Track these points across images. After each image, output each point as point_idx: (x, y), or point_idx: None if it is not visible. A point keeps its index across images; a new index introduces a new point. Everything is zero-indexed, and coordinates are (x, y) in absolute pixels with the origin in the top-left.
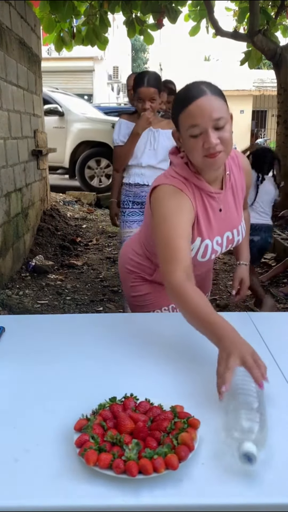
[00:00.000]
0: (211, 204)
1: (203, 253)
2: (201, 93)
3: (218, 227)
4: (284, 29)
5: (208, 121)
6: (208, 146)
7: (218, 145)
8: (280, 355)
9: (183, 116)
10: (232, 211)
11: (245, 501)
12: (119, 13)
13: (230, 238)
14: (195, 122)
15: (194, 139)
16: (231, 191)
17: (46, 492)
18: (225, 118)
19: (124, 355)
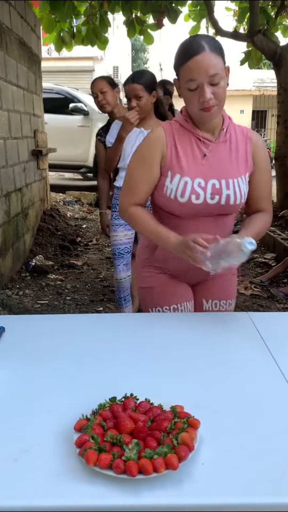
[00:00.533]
0: (199, 146)
1: (182, 191)
2: (200, 49)
3: (203, 171)
4: (284, 29)
5: (204, 77)
6: (202, 100)
7: (212, 99)
8: (280, 355)
9: (183, 70)
10: (223, 162)
11: (245, 501)
12: (119, 13)
13: (217, 187)
14: (193, 77)
15: (191, 92)
16: (227, 147)
17: (46, 492)
18: (220, 74)
19: (124, 355)
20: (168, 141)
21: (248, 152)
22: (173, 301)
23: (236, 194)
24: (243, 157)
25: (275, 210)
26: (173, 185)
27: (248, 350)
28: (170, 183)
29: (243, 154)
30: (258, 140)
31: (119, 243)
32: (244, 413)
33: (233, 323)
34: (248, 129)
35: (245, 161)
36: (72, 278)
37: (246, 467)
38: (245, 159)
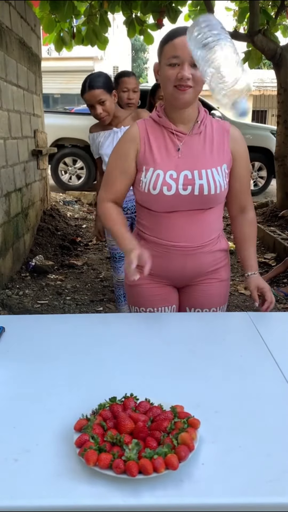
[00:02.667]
0: (172, 140)
1: (154, 183)
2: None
3: (175, 163)
4: (284, 29)
5: (187, 55)
6: (181, 76)
7: (190, 80)
8: (280, 355)
9: (167, 47)
10: (196, 154)
11: (245, 501)
12: (119, 13)
13: (189, 178)
14: (176, 53)
15: (171, 68)
16: (201, 138)
17: (46, 492)
18: None
19: (124, 355)
20: (141, 137)
21: (226, 144)
22: (152, 303)
23: (210, 184)
24: (219, 148)
25: (275, 210)
26: (147, 179)
27: (248, 350)
28: (144, 177)
29: (220, 146)
30: (237, 134)
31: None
32: (244, 413)
33: (233, 323)
34: (229, 123)
35: (222, 153)
36: (72, 278)
37: (246, 467)
38: (222, 151)
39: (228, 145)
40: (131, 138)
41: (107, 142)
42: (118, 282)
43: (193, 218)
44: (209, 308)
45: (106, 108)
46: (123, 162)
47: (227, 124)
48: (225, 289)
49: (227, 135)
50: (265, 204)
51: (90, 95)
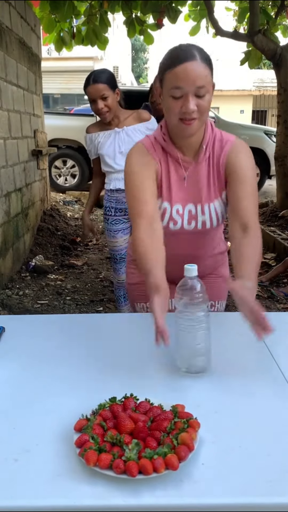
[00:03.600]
0: (177, 170)
1: (161, 216)
2: (191, 57)
3: (181, 196)
4: (284, 29)
5: (191, 86)
6: (185, 110)
7: (195, 112)
8: (280, 355)
9: (169, 75)
10: (201, 185)
11: (245, 501)
12: (119, 13)
13: (193, 213)
14: (179, 84)
15: (174, 100)
16: (206, 166)
17: (46, 492)
18: (207, 88)
19: (124, 355)
20: (158, 163)
21: (222, 168)
22: None
23: (212, 219)
24: (219, 174)
25: (275, 210)
26: None
27: (248, 350)
28: None
29: (219, 171)
30: (237, 153)
31: (120, 248)
32: (244, 413)
33: (233, 323)
34: (230, 140)
35: (221, 180)
36: (72, 278)
37: (246, 467)
38: (221, 178)
39: (224, 167)
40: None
41: (108, 142)
42: (118, 283)
43: (196, 236)
44: (214, 300)
45: (108, 104)
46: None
47: (229, 144)
48: (222, 285)
49: (224, 157)
50: (265, 204)
51: (93, 88)
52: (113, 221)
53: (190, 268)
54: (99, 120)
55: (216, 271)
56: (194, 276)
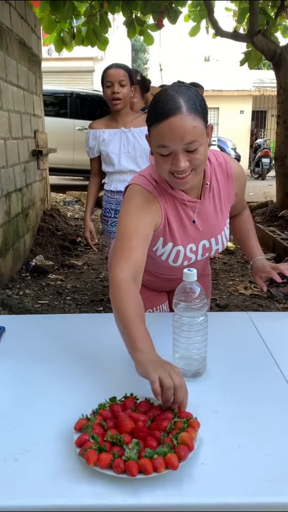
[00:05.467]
0: (185, 211)
1: (175, 258)
2: (175, 110)
3: (193, 236)
4: (284, 30)
5: (178, 144)
6: (175, 169)
7: (187, 168)
8: (280, 355)
9: (154, 132)
10: (211, 221)
11: (245, 501)
12: (119, 13)
13: (207, 247)
14: (164, 142)
15: (162, 157)
16: (211, 200)
17: (46, 492)
18: (199, 141)
19: (124, 355)
20: (161, 209)
21: (231, 191)
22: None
23: (224, 244)
24: (226, 201)
25: (275, 210)
26: (165, 250)
27: (248, 350)
28: (162, 248)
29: (226, 198)
30: (235, 169)
31: None
32: (244, 413)
33: (233, 323)
34: (228, 163)
35: (228, 204)
36: (72, 278)
37: (246, 467)
38: (228, 201)
39: (233, 190)
40: (151, 208)
41: (114, 141)
42: None
43: (199, 262)
44: None
45: (123, 91)
46: (142, 228)
47: (229, 166)
48: (208, 284)
49: (231, 181)
50: (265, 204)
51: (114, 71)
52: (113, 223)
53: (190, 273)
54: (107, 116)
55: (202, 271)
56: (194, 281)
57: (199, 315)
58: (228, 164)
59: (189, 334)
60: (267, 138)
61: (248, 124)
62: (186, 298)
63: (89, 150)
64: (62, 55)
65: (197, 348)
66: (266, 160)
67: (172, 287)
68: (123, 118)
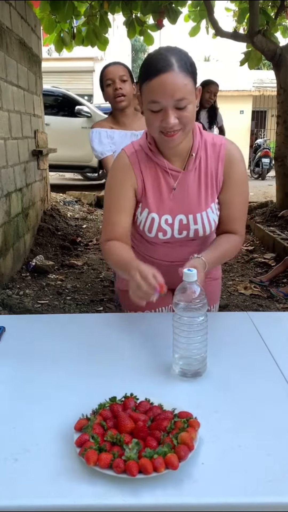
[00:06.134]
0: (166, 180)
1: (149, 227)
2: (167, 67)
3: (170, 206)
4: (284, 30)
5: (169, 100)
6: (165, 125)
7: (176, 125)
8: (280, 355)
9: (146, 88)
10: (191, 195)
11: (245, 501)
12: (119, 13)
13: (185, 223)
14: (156, 98)
15: (153, 113)
16: (196, 174)
17: (46, 492)
18: (188, 98)
19: (124, 354)
20: (137, 176)
21: (219, 174)
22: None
23: (205, 227)
24: (213, 182)
25: (275, 210)
26: (142, 218)
27: (248, 350)
28: (140, 215)
29: (213, 179)
30: (233, 156)
31: None
32: (244, 413)
33: (233, 323)
34: (223, 143)
35: (215, 185)
36: (72, 278)
37: (246, 467)
38: (215, 182)
39: (221, 172)
40: (127, 177)
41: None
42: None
43: (189, 243)
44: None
45: (125, 87)
46: (121, 201)
47: (223, 148)
48: (217, 288)
49: (221, 163)
50: (264, 204)
51: (114, 67)
52: None
53: (189, 272)
54: (109, 117)
55: (210, 274)
56: (193, 280)
57: (199, 315)
58: (222, 146)
59: (189, 334)
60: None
61: (248, 124)
62: (186, 298)
63: (102, 149)
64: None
65: (197, 348)
66: (266, 160)
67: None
68: (130, 119)
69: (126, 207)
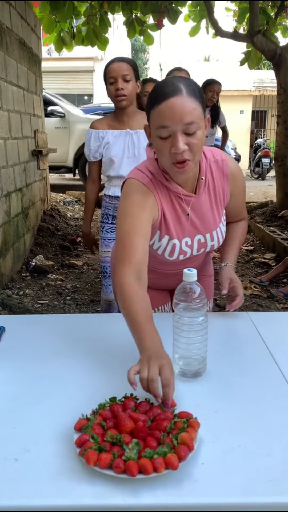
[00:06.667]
0: (180, 205)
1: (170, 252)
2: (176, 92)
3: (188, 229)
4: (284, 30)
5: (177, 124)
6: (174, 151)
7: (186, 151)
8: (280, 355)
9: (154, 114)
10: (206, 216)
11: (245, 501)
12: (119, 13)
13: (202, 242)
14: (164, 123)
15: (162, 140)
16: (207, 196)
17: (46, 492)
18: (197, 123)
19: (124, 355)
20: (158, 204)
21: (226, 190)
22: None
23: (219, 240)
24: (221, 198)
25: (275, 210)
26: (162, 244)
27: (248, 350)
28: (159, 241)
29: (221, 195)
30: (234, 171)
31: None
32: (244, 413)
33: (233, 323)
34: (224, 160)
35: (223, 201)
36: (72, 278)
37: (246, 467)
38: (223, 199)
39: (228, 189)
40: (149, 204)
41: (118, 143)
42: (106, 303)
43: (196, 257)
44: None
45: (128, 87)
46: (142, 226)
47: (225, 165)
48: (211, 284)
49: (227, 179)
50: (264, 204)
51: (117, 65)
52: (109, 229)
53: (190, 273)
54: (108, 115)
55: (204, 271)
56: (194, 281)
57: (199, 315)
58: (224, 162)
59: (189, 334)
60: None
61: (248, 124)
62: (186, 298)
63: (89, 153)
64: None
65: (197, 348)
66: (266, 160)
67: (173, 285)
68: (129, 117)
69: (147, 233)
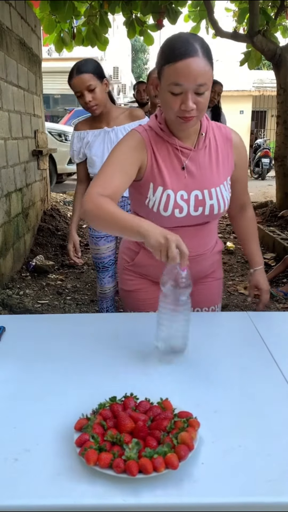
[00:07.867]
0: (177, 157)
1: (165, 204)
2: (193, 52)
3: (184, 182)
4: (283, 30)
5: (191, 83)
6: (184, 108)
7: (194, 110)
8: (280, 355)
9: (169, 70)
10: (204, 171)
11: (245, 500)
12: (119, 13)
13: (200, 198)
14: (179, 81)
15: (172, 96)
16: (206, 152)
17: (46, 491)
18: (207, 85)
19: (124, 354)
20: (148, 150)
21: (230, 155)
22: (151, 307)
23: (220, 203)
24: (224, 161)
25: (275, 210)
26: (156, 197)
27: (248, 350)
28: (153, 196)
29: (224, 158)
30: (238, 140)
31: (102, 256)
32: (244, 413)
33: (233, 322)
34: (228, 129)
35: (227, 165)
36: (72, 278)
37: (246, 467)
38: (227, 162)
39: (232, 155)
40: (137, 147)
41: (97, 142)
42: (101, 294)
43: (196, 231)
44: (208, 306)
45: (96, 96)
46: (125, 163)
47: (229, 131)
48: (220, 288)
49: (230, 144)
50: (264, 204)
51: (78, 80)
52: None
53: None
54: (89, 116)
55: (213, 274)
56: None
57: (183, 295)
58: (227, 129)
59: (171, 312)
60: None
61: (248, 124)
62: (173, 278)
63: (73, 154)
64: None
65: (179, 325)
66: (266, 160)
67: None
68: (106, 116)
69: (129, 172)
